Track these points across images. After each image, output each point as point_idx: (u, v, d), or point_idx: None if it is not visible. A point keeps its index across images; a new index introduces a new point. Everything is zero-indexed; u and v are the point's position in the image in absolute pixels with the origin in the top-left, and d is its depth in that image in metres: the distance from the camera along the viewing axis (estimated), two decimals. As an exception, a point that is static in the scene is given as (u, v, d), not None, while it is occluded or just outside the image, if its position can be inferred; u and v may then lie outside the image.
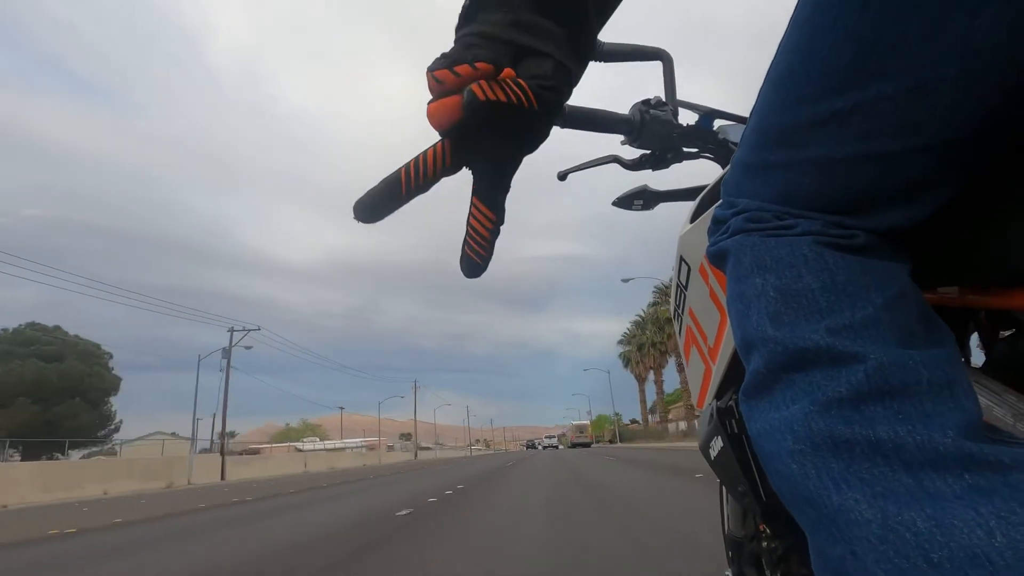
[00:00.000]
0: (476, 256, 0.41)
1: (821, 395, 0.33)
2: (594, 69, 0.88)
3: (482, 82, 0.37)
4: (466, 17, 0.41)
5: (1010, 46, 0.31)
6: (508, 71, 0.39)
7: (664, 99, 0.87)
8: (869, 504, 0.29)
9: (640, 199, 0.98)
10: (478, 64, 0.37)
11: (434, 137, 0.41)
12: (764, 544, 0.69)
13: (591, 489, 7.19)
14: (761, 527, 0.70)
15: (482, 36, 0.39)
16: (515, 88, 0.38)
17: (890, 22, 0.33)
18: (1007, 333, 0.47)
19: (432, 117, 0.39)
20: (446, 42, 0.42)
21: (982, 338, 0.49)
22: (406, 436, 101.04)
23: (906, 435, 0.30)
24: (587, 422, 75.27)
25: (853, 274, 0.36)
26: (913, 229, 0.39)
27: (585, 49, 0.43)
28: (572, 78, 0.42)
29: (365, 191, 0.40)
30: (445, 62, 0.38)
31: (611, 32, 0.81)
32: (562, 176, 0.93)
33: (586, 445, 61.68)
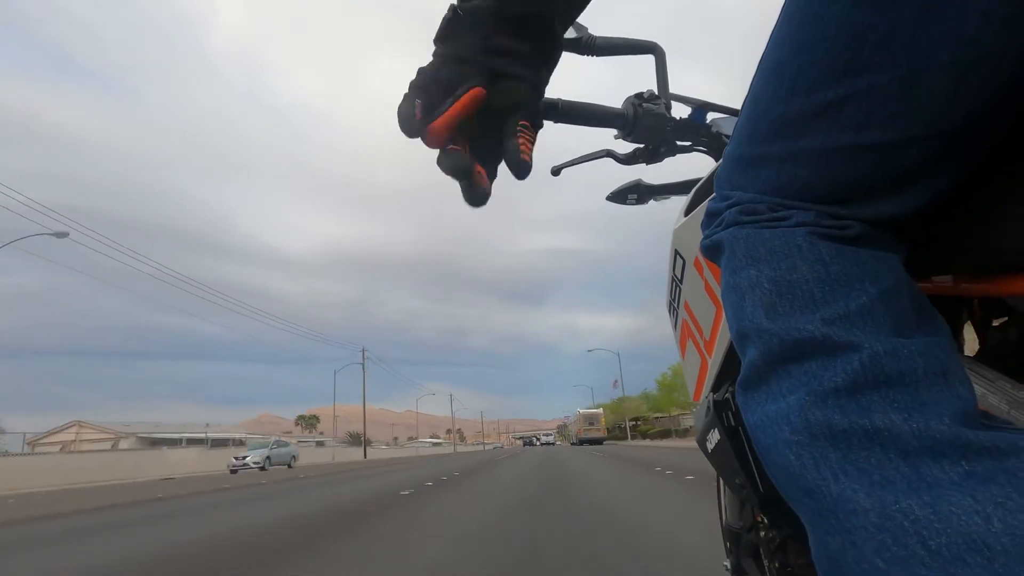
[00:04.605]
0: (529, 156, 0.46)
1: (817, 385, 0.33)
2: (587, 63, 0.88)
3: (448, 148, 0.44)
4: (443, 35, 0.44)
5: (1004, 34, 0.31)
6: (478, 90, 0.43)
7: (657, 93, 0.87)
8: (867, 493, 0.29)
9: (634, 193, 0.98)
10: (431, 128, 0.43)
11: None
12: (762, 534, 0.69)
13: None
14: (758, 517, 0.71)
15: (457, 59, 0.43)
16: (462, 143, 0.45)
17: (882, 11, 0.33)
18: (1000, 321, 0.47)
19: (435, 133, 0.43)
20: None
21: (976, 326, 0.49)
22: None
23: (902, 423, 0.30)
24: (599, 411, 57.61)
25: (847, 264, 0.36)
26: (907, 219, 0.39)
27: (551, 51, 0.47)
28: (542, 77, 0.47)
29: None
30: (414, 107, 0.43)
31: (603, 26, 0.81)
32: (556, 171, 0.93)
33: (598, 442, 48.51)
